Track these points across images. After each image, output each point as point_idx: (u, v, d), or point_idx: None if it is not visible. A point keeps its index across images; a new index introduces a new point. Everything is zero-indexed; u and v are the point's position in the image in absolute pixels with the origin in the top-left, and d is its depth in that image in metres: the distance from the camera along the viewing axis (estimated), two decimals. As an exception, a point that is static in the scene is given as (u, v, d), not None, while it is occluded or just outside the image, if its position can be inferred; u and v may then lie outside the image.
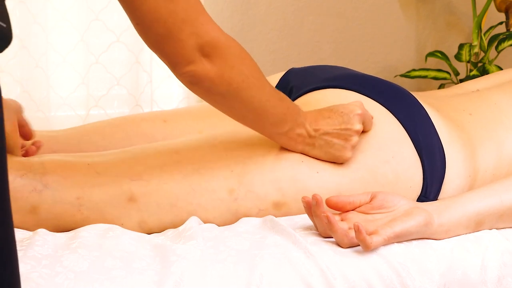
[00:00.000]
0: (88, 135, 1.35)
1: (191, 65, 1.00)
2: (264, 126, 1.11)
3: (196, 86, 1.03)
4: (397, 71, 2.52)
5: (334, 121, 1.14)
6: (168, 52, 1.00)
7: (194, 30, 0.98)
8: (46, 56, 2.05)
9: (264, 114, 1.08)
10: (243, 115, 1.09)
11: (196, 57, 1.00)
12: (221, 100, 1.06)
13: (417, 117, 1.21)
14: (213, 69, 1.01)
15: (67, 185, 1.09)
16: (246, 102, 1.06)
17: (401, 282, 1.00)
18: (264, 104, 1.07)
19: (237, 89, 1.04)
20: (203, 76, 1.01)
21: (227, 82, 1.03)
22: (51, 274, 0.92)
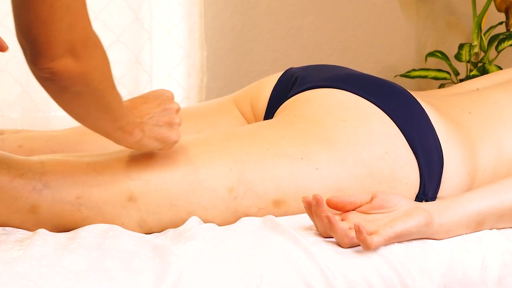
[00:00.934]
0: (88, 135, 1.35)
1: (55, 61, 0.91)
2: (105, 123, 1.03)
3: (52, 83, 0.94)
4: (397, 71, 2.52)
5: (151, 104, 1.11)
6: (39, 40, 0.89)
7: (72, 21, 0.90)
8: (46, 56, 2.05)
9: (109, 112, 1.01)
10: (90, 112, 1.01)
11: (64, 52, 0.90)
12: (73, 98, 0.97)
13: (414, 115, 1.22)
14: (77, 69, 0.92)
15: (67, 184, 1.09)
16: (97, 102, 0.99)
17: (401, 282, 1.00)
18: (111, 104, 1.01)
19: (94, 90, 0.97)
20: (64, 74, 0.92)
21: (86, 84, 0.95)
22: (50, 274, 0.92)
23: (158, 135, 1.09)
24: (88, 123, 1.04)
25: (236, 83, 2.36)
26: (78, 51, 0.91)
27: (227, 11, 2.34)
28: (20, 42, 0.92)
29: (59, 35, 0.89)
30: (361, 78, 1.30)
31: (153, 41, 2.13)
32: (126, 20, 2.11)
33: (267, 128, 1.21)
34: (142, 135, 1.07)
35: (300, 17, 2.41)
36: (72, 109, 1.00)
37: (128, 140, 1.07)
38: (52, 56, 0.90)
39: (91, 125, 1.05)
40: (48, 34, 0.88)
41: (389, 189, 1.17)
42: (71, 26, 0.89)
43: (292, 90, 1.34)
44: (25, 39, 0.90)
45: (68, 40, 0.90)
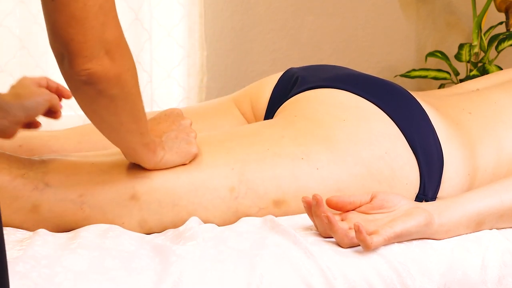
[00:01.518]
0: (88, 135, 1.35)
1: (94, 62, 0.93)
2: (134, 136, 1.05)
3: (90, 87, 0.95)
4: (397, 71, 2.52)
5: (164, 124, 1.15)
6: (75, 39, 0.90)
7: (106, 20, 0.92)
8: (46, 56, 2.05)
9: (138, 122, 1.04)
10: (122, 122, 1.02)
11: (100, 53, 0.93)
12: (108, 104, 0.99)
13: (414, 115, 1.22)
14: (112, 69, 0.95)
15: (69, 183, 1.09)
16: (129, 109, 1.01)
17: (401, 282, 1.00)
18: (141, 112, 1.04)
19: (127, 94, 0.99)
20: (102, 77, 0.94)
21: (121, 85, 0.97)
22: (50, 274, 0.92)
23: (178, 150, 1.11)
24: (117, 136, 1.06)
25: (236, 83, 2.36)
26: (113, 51, 0.93)
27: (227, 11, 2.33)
28: (56, 49, 0.93)
29: (94, 34, 0.91)
30: (361, 78, 1.30)
31: (153, 41, 2.13)
32: (126, 20, 2.11)
33: (268, 128, 1.21)
34: (164, 153, 1.10)
35: (300, 17, 2.41)
36: (106, 118, 1.02)
37: (151, 159, 1.09)
38: (89, 55, 0.92)
39: (120, 139, 1.06)
40: (84, 33, 0.90)
41: (389, 189, 1.17)
42: (104, 25, 0.91)
43: (292, 90, 1.35)
44: (61, 42, 0.91)
45: (103, 39, 0.92)
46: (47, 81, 1.18)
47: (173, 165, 1.12)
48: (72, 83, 0.96)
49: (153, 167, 1.11)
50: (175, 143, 1.12)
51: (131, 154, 1.09)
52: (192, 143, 1.13)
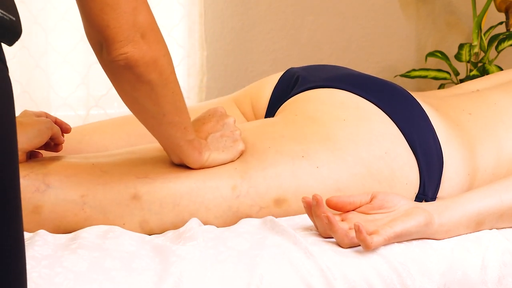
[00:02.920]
0: (88, 135, 1.35)
1: (130, 45, 0.95)
2: (177, 130, 1.07)
3: (129, 71, 0.97)
4: (397, 71, 2.52)
5: (209, 123, 1.17)
6: (110, 25, 0.94)
7: (137, 5, 0.95)
8: (46, 56, 2.05)
9: (181, 115, 1.06)
10: (164, 113, 1.04)
11: (136, 37, 0.96)
12: (149, 92, 1.01)
13: (414, 116, 1.22)
14: (149, 53, 0.97)
15: (71, 184, 1.09)
16: (170, 97, 1.03)
17: (401, 282, 1.00)
18: (182, 103, 1.06)
19: (166, 81, 1.01)
20: (140, 60, 0.97)
21: (159, 71, 0.99)
22: (50, 274, 0.92)
23: (224, 149, 1.14)
24: (161, 129, 1.07)
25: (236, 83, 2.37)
26: (147, 35, 0.96)
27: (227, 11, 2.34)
28: (93, 38, 0.97)
29: (128, 18, 0.94)
30: (361, 78, 1.31)
31: (153, 41, 2.12)
32: (126, 20, 2.11)
33: (269, 127, 1.21)
34: (210, 153, 1.12)
35: (300, 17, 2.41)
36: (148, 107, 1.03)
37: (197, 159, 1.11)
38: (125, 40, 0.95)
39: (164, 132, 1.07)
40: (118, 18, 0.93)
41: (389, 189, 1.17)
42: (136, 9, 0.94)
43: (293, 90, 1.35)
44: (97, 29, 0.95)
45: (136, 23, 0.95)
46: (46, 114, 1.20)
47: (221, 163, 1.14)
48: (111, 70, 0.99)
49: (199, 166, 1.13)
50: (221, 143, 1.14)
51: (175, 152, 1.11)
52: (237, 140, 1.15)
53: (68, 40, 2.08)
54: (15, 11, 0.78)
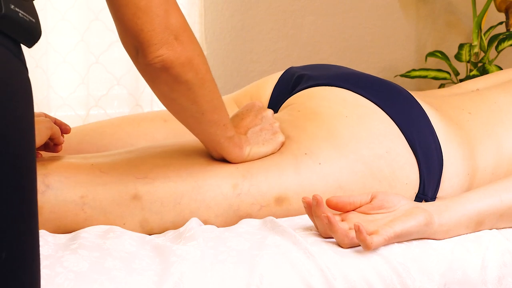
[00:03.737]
0: (88, 135, 1.35)
1: (165, 48, 0.97)
2: (217, 128, 1.09)
3: (166, 73, 0.99)
4: (397, 71, 2.52)
5: (248, 118, 1.20)
6: (144, 29, 0.96)
7: (168, 8, 0.97)
8: (46, 56, 2.05)
9: (220, 112, 1.08)
10: (203, 112, 1.06)
11: (170, 39, 0.97)
12: (186, 91, 1.02)
13: (413, 115, 1.22)
14: (184, 53, 0.99)
15: (70, 184, 1.09)
16: (207, 96, 1.05)
17: (401, 282, 1.00)
18: (220, 101, 1.08)
19: (202, 80, 1.03)
20: (175, 61, 0.99)
21: (195, 70, 1.01)
22: (51, 274, 0.92)
23: (264, 142, 1.16)
24: (201, 128, 1.09)
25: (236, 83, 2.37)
26: (181, 36, 0.98)
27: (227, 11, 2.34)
28: (128, 43, 0.98)
29: (160, 21, 0.96)
30: (362, 77, 1.31)
31: (153, 41, 2.12)
32: (126, 20, 2.11)
33: None
34: (251, 148, 1.15)
35: (300, 17, 2.41)
36: (186, 107, 1.05)
37: (238, 155, 1.14)
38: (159, 42, 0.96)
39: (204, 131, 1.10)
40: (151, 22, 0.95)
41: (389, 189, 1.17)
42: (167, 12, 0.96)
43: (293, 88, 1.35)
44: (132, 34, 0.97)
45: (169, 25, 0.97)
46: (45, 115, 1.21)
47: (263, 156, 1.16)
48: (148, 74, 1.00)
49: (241, 161, 1.15)
50: (261, 136, 1.17)
51: (216, 149, 1.13)
52: (277, 133, 1.18)
53: (68, 40, 2.08)
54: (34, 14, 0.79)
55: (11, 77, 0.75)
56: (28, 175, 0.76)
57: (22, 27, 0.78)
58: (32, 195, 0.77)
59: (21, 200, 0.75)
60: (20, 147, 0.75)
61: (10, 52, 0.76)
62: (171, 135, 1.37)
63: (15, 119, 0.74)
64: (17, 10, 0.77)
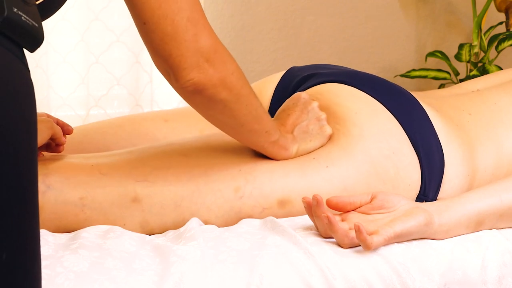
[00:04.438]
0: (89, 135, 1.35)
1: (195, 71, 0.98)
2: (259, 136, 1.11)
3: (199, 95, 1.01)
4: (397, 71, 2.52)
5: (294, 114, 1.19)
6: (173, 54, 0.97)
7: (197, 31, 0.97)
8: (46, 56, 2.05)
9: (260, 122, 1.09)
10: (242, 124, 1.08)
11: (200, 62, 0.98)
12: (222, 108, 1.04)
13: (415, 116, 1.22)
14: (215, 74, 1.00)
15: (70, 185, 1.09)
16: (245, 110, 1.06)
17: (401, 282, 1.00)
18: (259, 112, 1.08)
19: (237, 96, 1.03)
20: (207, 83, 0.99)
21: (228, 88, 1.02)
22: (51, 274, 0.92)
23: (312, 138, 1.17)
24: (243, 137, 1.11)
25: (236, 83, 2.36)
26: (212, 58, 0.98)
27: (227, 11, 2.34)
28: (160, 66, 0.99)
29: (189, 46, 0.96)
30: (366, 76, 1.30)
31: (153, 41, 2.12)
32: (126, 20, 2.11)
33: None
34: (298, 146, 1.16)
35: (300, 17, 2.41)
36: (227, 122, 1.07)
37: (284, 155, 1.15)
38: (189, 67, 0.97)
39: (246, 139, 1.12)
40: (178, 47, 0.96)
41: (392, 189, 1.16)
42: (196, 35, 0.96)
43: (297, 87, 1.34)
44: (162, 59, 0.98)
45: (198, 49, 0.97)
46: (47, 115, 1.21)
47: (311, 151, 1.17)
48: (183, 94, 1.01)
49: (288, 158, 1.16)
50: (308, 132, 1.17)
51: (261, 152, 1.14)
52: (324, 126, 1.18)
53: (68, 40, 2.08)
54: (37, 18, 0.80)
55: (14, 79, 0.75)
56: (29, 176, 0.76)
57: (25, 31, 0.78)
58: (33, 195, 0.77)
59: (22, 201, 0.75)
60: (22, 148, 0.75)
61: (12, 55, 0.76)
62: (171, 135, 1.37)
63: (18, 120, 0.75)
64: (20, 13, 0.77)
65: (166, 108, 2.18)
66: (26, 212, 0.75)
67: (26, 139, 0.75)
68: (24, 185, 0.75)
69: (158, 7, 0.95)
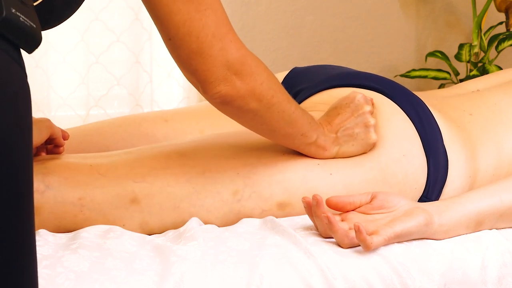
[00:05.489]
0: (89, 135, 1.35)
1: (222, 84, 0.99)
2: (294, 139, 1.11)
3: (228, 105, 1.02)
4: (397, 71, 2.52)
5: (345, 115, 1.16)
6: (199, 69, 0.98)
7: (223, 46, 0.98)
8: (46, 56, 2.05)
9: (294, 126, 1.09)
10: (274, 129, 1.09)
11: (227, 75, 0.99)
12: (253, 117, 1.05)
13: (424, 117, 1.22)
14: (243, 86, 1.01)
15: (69, 185, 1.09)
16: (277, 117, 1.06)
17: (401, 282, 1.00)
18: (292, 116, 1.08)
19: (268, 105, 1.04)
20: (235, 95, 1.01)
21: (257, 99, 1.03)
22: (51, 274, 0.92)
23: (355, 143, 1.15)
24: (278, 140, 1.13)
25: (236, 83, 2.36)
26: (239, 70, 0.99)
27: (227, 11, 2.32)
28: (189, 79, 1.01)
29: (215, 61, 0.97)
30: (376, 77, 1.30)
31: (153, 41, 2.13)
32: (126, 20, 2.11)
33: None
34: (339, 148, 1.15)
35: (300, 17, 2.41)
36: (258, 128, 1.09)
37: (324, 155, 1.15)
38: (216, 80, 0.98)
39: (282, 142, 1.13)
40: (204, 62, 0.97)
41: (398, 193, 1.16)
42: (223, 50, 0.98)
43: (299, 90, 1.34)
44: (190, 74, 1.00)
45: (225, 63, 0.98)
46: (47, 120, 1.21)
47: (351, 155, 1.16)
48: (213, 104, 1.03)
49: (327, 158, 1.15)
50: (353, 136, 1.15)
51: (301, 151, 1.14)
52: (369, 133, 1.16)
53: (68, 40, 2.08)
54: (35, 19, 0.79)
55: (11, 80, 0.75)
56: (25, 177, 0.76)
57: (23, 32, 0.78)
58: (28, 197, 0.77)
59: (17, 202, 0.75)
60: (18, 150, 0.75)
61: (9, 57, 0.76)
62: (171, 135, 1.37)
63: (14, 122, 0.74)
64: (18, 14, 0.76)
65: (166, 108, 2.18)
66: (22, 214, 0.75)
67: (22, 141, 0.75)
68: (20, 186, 0.75)
69: (182, 25, 0.96)
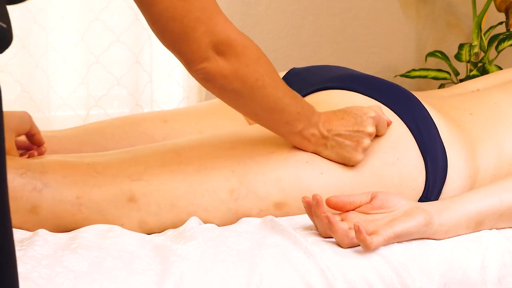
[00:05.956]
0: (88, 135, 1.35)
1: (205, 62, 1.01)
2: (277, 125, 1.12)
3: (209, 83, 1.04)
4: (397, 71, 2.52)
5: (347, 122, 1.15)
6: (183, 50, 1.01)
7: (208, 28, 1.00)
8: (46, 56, 2.05)
9: (278, 112, 1.10)
10: (257, 112, 1.10)
11: (210, 54, 1.01)
12: (235, 97, 1.07)
13: (420, 118, 1.21)
14: (226, 66, 1.02)
15: (67, 184, 1.09)
16: (260, 101, 1.07)
17: (401, 282, 1.00)
18: (278, 103, 1.09)
19: (252, 87, 1.05)
20: (217, 73, 1.02)
21: (241, 80, 1.04)
22: (51, 274, 0.92)
23: (339, 152, 1.15)
24: (262, 124, 1.14)
25: (236, 83, 2.35)
26: (222, 50, 1.02)
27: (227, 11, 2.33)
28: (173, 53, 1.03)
29: (199, 42, 1.00)
30: (371, 79, 1.29)
31: (153, 41, 2.13)
32: (126, 20, 2.11)
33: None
34: (323, 148, 1.15)
35: (300, 17, 2.41)
36: (241, 109, 1.12)
37: (306, 147, 1.15)
38: (199, 59, 1.01)
39: (266, 126, 1.14)
40: (188, 44, 1.00)
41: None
42: (207, 32, 1.00)
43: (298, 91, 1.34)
44: (175, 53, 1.03)
45: (209, 43, 1.01)
46: None
47: (330, 159, 1.16)
48: (197, 80, 1.06)
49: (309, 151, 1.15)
50: (340, 145, 1.14)
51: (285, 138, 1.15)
52: (357, 152, 1.14)
53: (68, 40, 2.08)
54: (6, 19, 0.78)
55: None
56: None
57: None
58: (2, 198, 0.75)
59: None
60: None
61: None
62: (171, 136, 1.37)
63: None
64: None
65: (166, 108, 2.18)
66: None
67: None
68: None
69: (166, 11, 0.98)
